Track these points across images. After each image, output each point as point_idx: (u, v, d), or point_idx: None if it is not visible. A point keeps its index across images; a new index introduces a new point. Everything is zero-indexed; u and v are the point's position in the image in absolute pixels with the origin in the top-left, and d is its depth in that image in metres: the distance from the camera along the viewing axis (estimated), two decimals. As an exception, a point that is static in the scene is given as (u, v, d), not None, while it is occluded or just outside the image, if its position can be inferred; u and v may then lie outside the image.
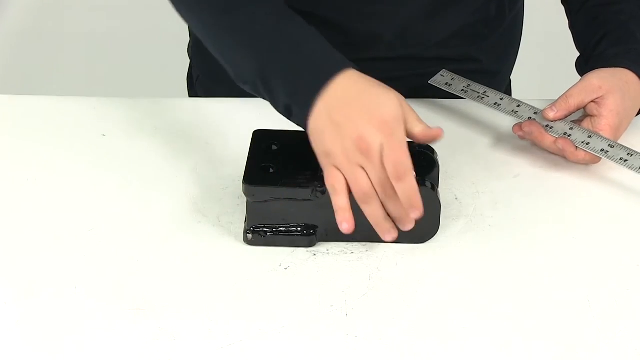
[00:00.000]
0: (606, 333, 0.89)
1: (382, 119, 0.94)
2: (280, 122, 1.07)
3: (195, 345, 0.87)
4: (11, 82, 2.54)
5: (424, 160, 1.02)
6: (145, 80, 2.52)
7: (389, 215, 0.95)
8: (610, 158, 1.06)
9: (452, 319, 0.90)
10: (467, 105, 1.21)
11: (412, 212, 0.94)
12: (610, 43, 1.15)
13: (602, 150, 1.07)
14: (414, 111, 0.97)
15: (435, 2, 1.20)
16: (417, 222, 0.98)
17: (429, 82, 1.17)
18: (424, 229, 0.99)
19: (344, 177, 0.94)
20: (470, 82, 1.16)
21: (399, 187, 0.93)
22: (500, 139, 1.16)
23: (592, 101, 1.09)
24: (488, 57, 1.28)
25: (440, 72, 1.18)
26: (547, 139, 1.09)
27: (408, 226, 0.95)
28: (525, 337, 0.89)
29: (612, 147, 1.07)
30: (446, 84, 1.17)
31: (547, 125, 1.10)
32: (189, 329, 0.89)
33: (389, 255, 0.98)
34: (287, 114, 0.99)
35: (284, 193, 0.97)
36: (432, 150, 1.03)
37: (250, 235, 0.98)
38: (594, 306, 0.92)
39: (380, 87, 0.97)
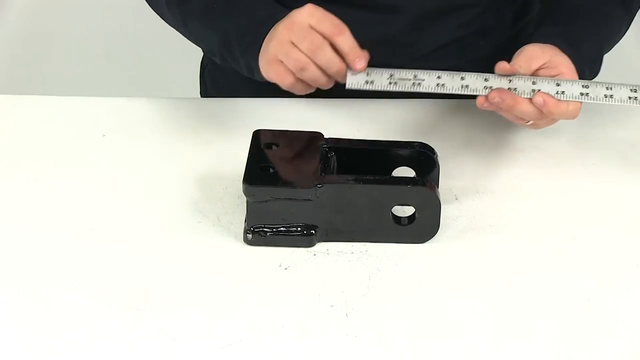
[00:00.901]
0: (606, 333, 0.89)
1: (306, 6, 1.02)
2: (280, 122, 1.07)
3: (195, 345, 0.87)
4: (11, 82, 2.54)
5: (424, 160, 1.02)
6: (147, 80, 2.52)
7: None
8: (594, 99, 1.01)
9: (452, 319, 0.90)
10: (467, 105, 1.21)
11: (357, 62, 1.01)
12: (549, 24, 1.13)
13: (580, 94, 1.01)
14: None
15: (423, 14, 1.19)
16: (417, 222, 0.98)
17: (346, 88, 1.04)
18: (424, 229, 0.99)
19: (284, 67, 1.02)
20: (391, 71, 1.04)
21: (341, 41, 1.00)
22: (500, 139, 1.16)
23: (541, 67, 1.04)
24: (482, 69, 1.26)
25: (349, 72, 1.03)
26: (521, 102, 1.01)
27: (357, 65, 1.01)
28: (525, 337, 0.89)
29: (587, 87, 1.01)
30: (366, 82, 1.03)
31: (508, 89, 1.01)
32: (189, 329, 0.89)
33: (389, 255, 0.98)
34: (250, 72, 1.06)
35: (284, 193, 0.97)
36: (432, 150, 1.03)
37: (250, 235, 0.98)
38: (594, 306, 0.92)
39: None
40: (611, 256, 0.98)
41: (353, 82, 1.02)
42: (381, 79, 1.03)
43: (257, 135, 1.03)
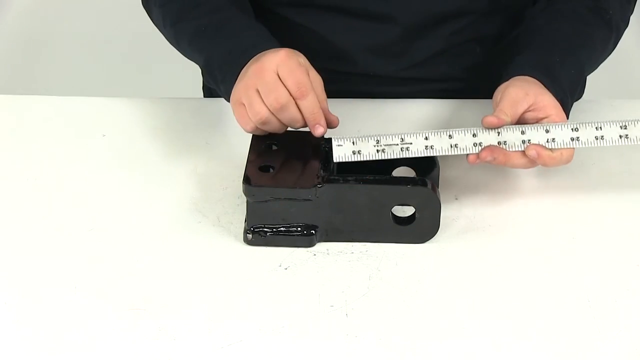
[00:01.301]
0: (606, 333, 0.89)
1: (284, 51, 1.00)
2: (280, 122, 1.07)
3: (195, 345, 0.87)
4: (11, 82, 2.54)
5: (424, 160, 1.02)
6: (147, 80, 2.52)
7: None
8: (584, 143, 0.99)
9: (452, 319, 0.90)
10: (467, 105, 1.21)
11: (317, 129, 0.99)
12: (527, 52, 1.09)
13: (571, 139, 0.99)
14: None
15: (419, 23, 1.18)
16: (417, 222, 0.98)
17: (334, 161, 0.99)
18: (424, 229, 0.99)
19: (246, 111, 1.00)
20: (377, 136, 0.99)
21: (302, 105, 0.98)
22: (500, 139, 1.15)
23: (527, 110, 1.02)
24: (476, 77, 1.25)
25: (337, 142, 0.99)
26: (513, 157, 1.00)
27: (317, 130, 0.99)
28: (525, 337, 0.89)
29: (577, 130, 0.99)
30: (353, 152, 0.99)
31: (498, 143, 0.99)
32: (189, 329, 0.89)
33: (389, 255, 0.98)
34: (228, 99, 1.04)
35: (284, 193, 0.97)
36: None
37: (250, 235, 0.98)
38: (594, 306, 0.92)
39: None
40: (611, 256, 0.98)
41: (340, 154, 0.98)
42: (368, 147, 0.98)
43: (257, 135, 1.03)
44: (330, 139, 1.02)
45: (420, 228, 0.98)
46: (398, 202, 0.98)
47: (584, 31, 1.13)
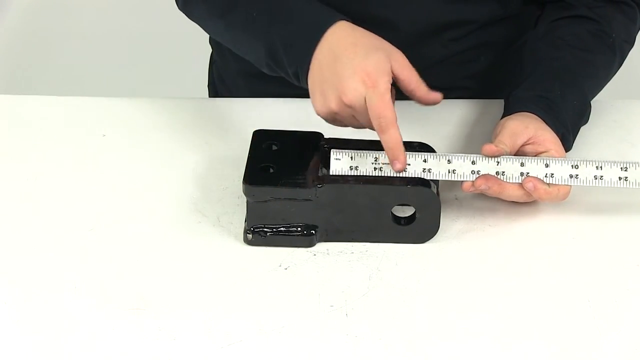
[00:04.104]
0: (606, 333, 0.89)
1: (365, 70, 0.97)
2: (280, 122, 1.07)
3: (195, 345, 0.87)
4: (11, 82, 2.54)
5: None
6: (147, 80, 2.52)
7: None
8: (583, 182, 0.99)
9: (452, 319, 0.90)
10: (468, 105, 1.21)
11: (395, 164, 0.97)
12: (527, 85, 1.09)
13: (570, 176, 0.99)
14: (413, 70, 1.01)
15: (421, 31, 1.18)
16: (417, 222, 0.98)
17: (330, 175, 0.99)
18: (424, 229, 0.99)
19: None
20: (376, 153, 0.99)
21: (383, 139, 0.97)
22: (500, 139, 1.15)
23: (526, 143, 1.02)
24: (480, 85, 1.25)
25: (335, 155, 0.99)
26: (508, 188, 0.99)
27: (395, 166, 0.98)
28: (525, 337, 0.89)
29: (577, 167, 0.99)
30: (350, 167, 0.98)
31: (496, 173, 0.99)
32: (189, 329, 0.89)
33: (389, 255, 0.98)
34: (297, 80, 1.03)
35: (284, 193, 0.97)
36: (432, 150, 1.03)
37: (250, 235, 0.98)
38: (594, 306, 0.92)
39: (370, 40, 1.01)
40: (611, 256, 0.98)
41: (337, 168, 0.98)
42: (366, 164, 0.98)
43: (257, 135, 1.03)
44: (329, 139, 1.03)
45: (421, 228, 0.98)
46: (398, 202, 0.98)
47: (586, 59, 1.12)
